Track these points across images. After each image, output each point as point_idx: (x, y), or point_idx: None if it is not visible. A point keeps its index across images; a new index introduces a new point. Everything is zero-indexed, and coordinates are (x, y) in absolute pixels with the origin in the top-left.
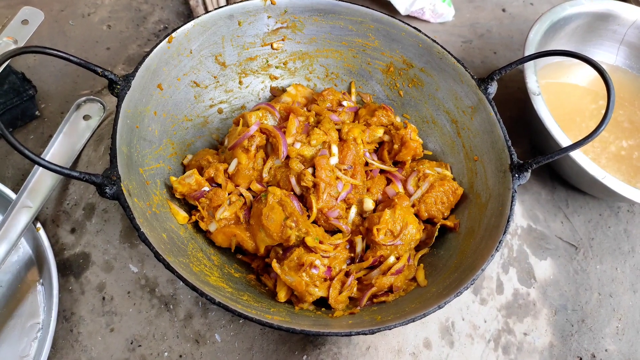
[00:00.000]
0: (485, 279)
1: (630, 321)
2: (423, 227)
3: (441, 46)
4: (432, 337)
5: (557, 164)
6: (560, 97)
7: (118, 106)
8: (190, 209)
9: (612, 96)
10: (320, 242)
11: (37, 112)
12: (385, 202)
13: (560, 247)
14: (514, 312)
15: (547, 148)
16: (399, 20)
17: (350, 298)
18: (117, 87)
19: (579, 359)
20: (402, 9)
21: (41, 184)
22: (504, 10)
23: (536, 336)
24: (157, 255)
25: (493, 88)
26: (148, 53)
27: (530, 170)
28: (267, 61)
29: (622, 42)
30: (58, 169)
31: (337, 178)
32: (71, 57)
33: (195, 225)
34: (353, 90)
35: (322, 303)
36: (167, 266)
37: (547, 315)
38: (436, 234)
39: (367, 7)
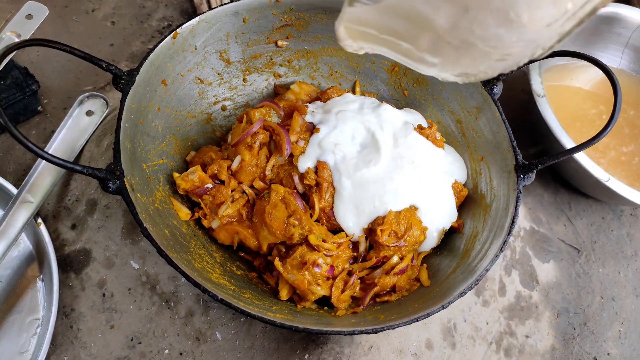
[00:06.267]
0: (487, 281)
1: (632, 325)
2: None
3: None
4: (434, 338)
5: (560, 166)
6: (562, 100)
7: (122, 101)
8: (192, 205)
9: (619, 97)
10: (324, 241)
11: (39, 108)
12: None
13: (563, 250)
14: (516, 314)
15: (550, 150)
16: None
17: (353, 297)
18: (122, 81)
19: None
20: None
21: (42, 179)
22: None
23: (538, 339)
24: (160, 251)
25: (498, 88)
26: (153, 48)
27: (535, 171)
28: (272, 59)
29: (627, 45)
30: (61, 162)
31: None
32: (76, 51)
33: (198, 222)
34: (357, 89)
35: (324, 302)
36: (170, 262)
37: (549, 318)
38: (442, 236)
39: None
